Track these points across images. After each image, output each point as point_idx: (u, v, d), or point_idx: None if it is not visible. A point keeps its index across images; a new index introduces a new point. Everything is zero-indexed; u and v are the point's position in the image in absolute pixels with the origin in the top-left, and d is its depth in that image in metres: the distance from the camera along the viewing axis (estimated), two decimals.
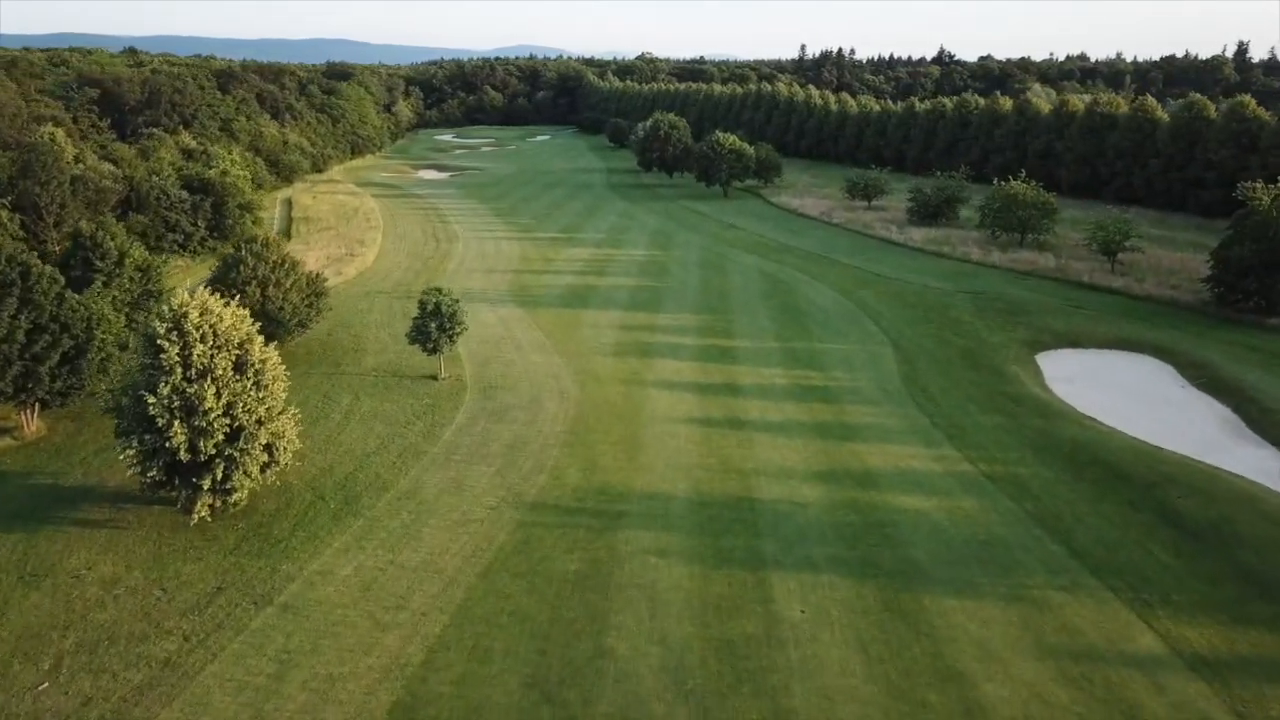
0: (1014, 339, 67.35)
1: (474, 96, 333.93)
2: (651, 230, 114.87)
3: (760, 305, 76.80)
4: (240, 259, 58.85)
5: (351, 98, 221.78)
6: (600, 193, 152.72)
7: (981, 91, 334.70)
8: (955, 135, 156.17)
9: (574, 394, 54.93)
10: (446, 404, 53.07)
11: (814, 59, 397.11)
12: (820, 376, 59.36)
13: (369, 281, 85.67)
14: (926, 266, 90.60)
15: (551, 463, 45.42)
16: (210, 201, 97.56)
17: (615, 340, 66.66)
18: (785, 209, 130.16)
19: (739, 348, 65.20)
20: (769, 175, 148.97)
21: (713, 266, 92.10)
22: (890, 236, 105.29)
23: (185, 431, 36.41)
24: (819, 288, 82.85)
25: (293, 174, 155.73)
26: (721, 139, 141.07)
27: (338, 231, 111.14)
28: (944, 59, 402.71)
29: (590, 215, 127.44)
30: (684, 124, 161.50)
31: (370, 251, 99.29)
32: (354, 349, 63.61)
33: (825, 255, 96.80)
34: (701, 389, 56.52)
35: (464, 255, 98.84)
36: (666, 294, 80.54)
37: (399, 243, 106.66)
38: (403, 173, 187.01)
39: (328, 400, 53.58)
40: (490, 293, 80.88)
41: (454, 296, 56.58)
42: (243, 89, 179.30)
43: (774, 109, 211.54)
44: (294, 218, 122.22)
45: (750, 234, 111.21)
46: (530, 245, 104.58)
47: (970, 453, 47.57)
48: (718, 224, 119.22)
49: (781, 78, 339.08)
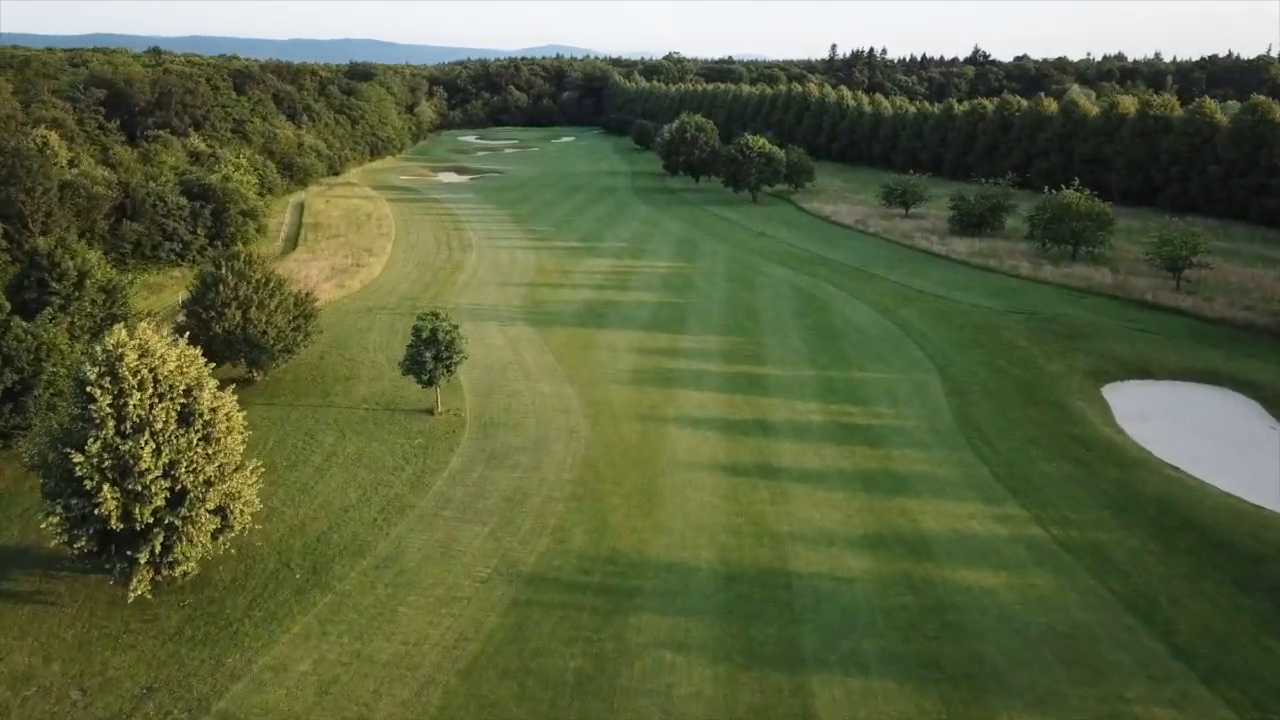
0: (1075, 368, 60.61)
1: (498, 97, 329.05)
2: (676, 239, 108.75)
3: (793, 325, 70.48)
4: (220, 278, 53.37)
5: (372, 98, 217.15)
6: (623, 197, 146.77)
7: (1017, 92, 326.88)
8: (996, 138, 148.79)
9: (584, 433, 48.94)
10: (441, 444, 47.25)
11: (845, 59, 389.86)
12: (862, 412, 53.00)
13: (373, 296, 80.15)
14: (972, 282, 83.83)
15: (555, 521, 39.45)
16: (210, 208, 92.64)
17: (633, 366, 60.62)
18: (818, 216, 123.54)
19: (770, 376, 58.95)
20: (800, 180, 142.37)
21: (741, 280, 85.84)
22: (931, 248, 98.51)
23: (117, 496, 30.80)
24: (856, 305, 76.37)
25: (307, 177, 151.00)
26: (750, 141, 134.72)
27: (346, 239, 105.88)
28: (978, 59, 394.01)
29: (612, 222, 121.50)
30: (711, 126, 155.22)
31: (378, 261, 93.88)
32: (346, 376, 57.98)
33: (862, 268, 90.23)
34: (728, 427, 50.37)
35: (477, 266, 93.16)
36: (690, 311, 74.41)
37: (409, 252, 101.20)
38: (422, 175, 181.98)
39: (309, 440, 47.91)
40: (501, 309, 75.08)
41: (453, 322, 50.75)
42: (259, 89, 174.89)
43: (804, 110, 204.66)
44: (304, 223, 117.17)
45: (781, 243, 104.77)
46: (548, 255, 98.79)
47: (1039, 512, 41.09)
48: (746, 232, 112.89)
49: (812, 78, 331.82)
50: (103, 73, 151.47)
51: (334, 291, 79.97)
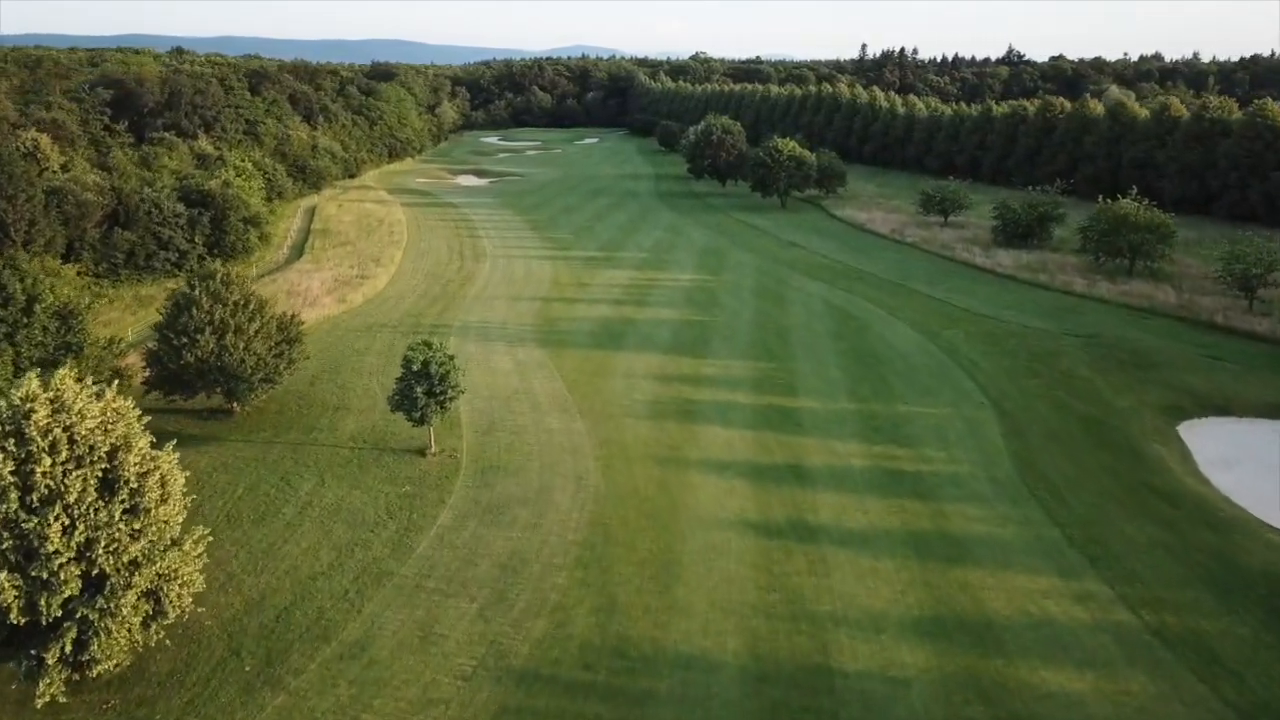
0: (1146, 403, 54.17)
1: (521, 97, 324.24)
2: (701, 248, 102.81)
3: (828, 349, 64.37)
4: (193, 300, 48.06)
5: (391, 99, 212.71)
6: (646, 202, 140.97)
7: (1053, 93, 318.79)
8: (1038, 141, 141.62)
9: (594, 480, 43.17)
10: (431, 493, 41.65)
11: (875, 59, 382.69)
12: (909, 455, 46.90)
13: (375, 311, 74.84)
14: (1022, 300, 77.36)
15: (555, 597, 33.72)
16: (209, 215, 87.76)
17: (652, 396, 54.81)
18: (851, 224, 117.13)
19: (804, 410, 52.94)
20: (832, 185, 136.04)
21: (770, 296, 79.78)
22: (974, 260, 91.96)
23: (19, 585, 25.42)
24: (897, 326, 70.14)
25: (320, 180, 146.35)
26: (780, 144, 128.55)
27: (355, 247, 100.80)
28: (1012, 59, 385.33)
29: (634, 229, 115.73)
30: (738, 128, 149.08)
31: (385, 272, 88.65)
32: (335, 406, 52.55)
33: (901, 283, 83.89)
34: (758, 473, 44.45)
35: (489, 278, 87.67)
36: (716, 332, 68.49)
37: (419, 261, 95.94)
38: (439, 178, 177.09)
39: (284, 485, 42.45)
40: (511, 328, 69.49)
41: (447, 353, 45.17)
42: (274, 90, 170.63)
43: (835, 111, 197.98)
44: (312, 229, 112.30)
45: (812, 254, 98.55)
46: (564, 266, 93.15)
47: (1125, 589, 34.88)
48: (775, 241, 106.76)
49: (842, 78, 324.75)
50: (114, 73, 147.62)
51: (334, 306, 74.74)
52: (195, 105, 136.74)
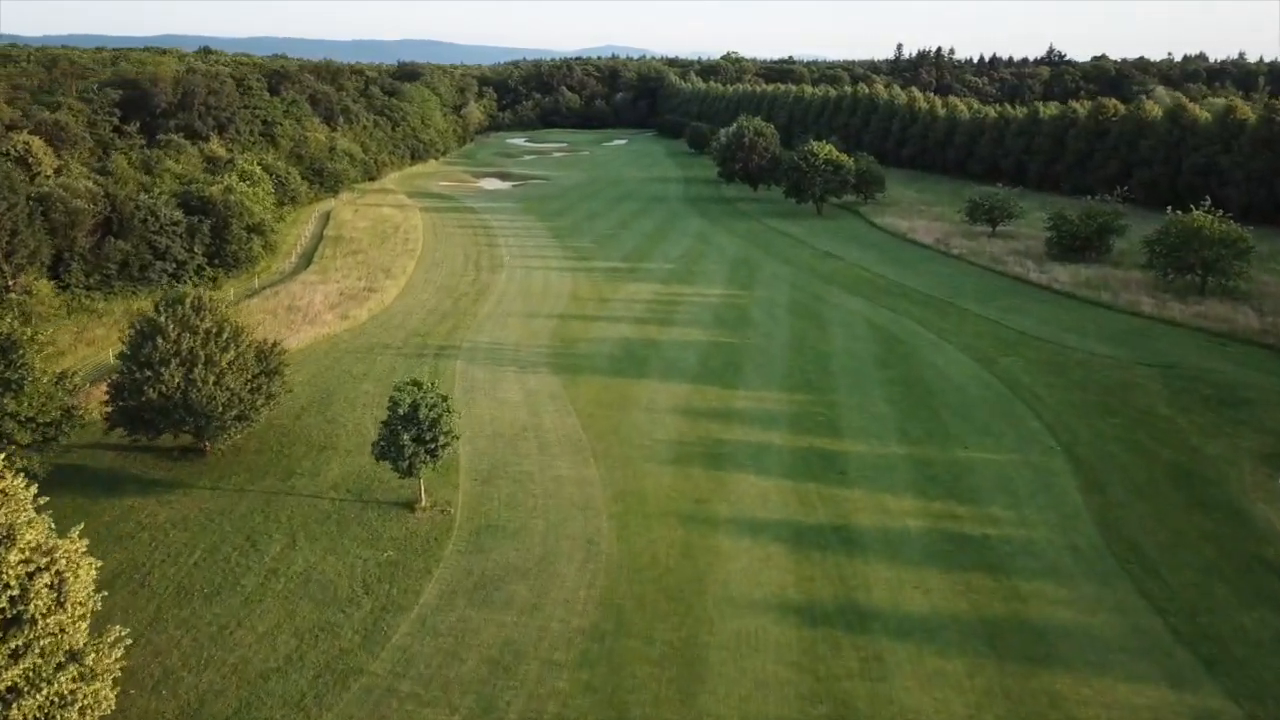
0: (1241, 449, 47.33)
1: (549, 98, 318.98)
2: (731, 259, 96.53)
3: (874, 379, 57.92)
4: (158, 327, 42.58)
5: (415, 99, 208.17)
6: (674, 208, 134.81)
7: (1096, 94, 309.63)
8: (1089, 145, 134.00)
9: (607, 544, 37.16)
10: (417, 561, 35.83)
11: (910, 59, 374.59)
12: (972, 515, 40.48)
13: (379, 329, 69.30)
14: (1084, 321, 70.42)
15: (553, 709, 27.71)
16: (209, 223, 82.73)
17: (676, 434, 48.73)
18: (891, 233, 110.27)
19: (850, 454, 46.63)
20: (870, 191, 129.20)
21: (807, 314, 73.38)
22: (1028, 276, 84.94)
23: None
24: (948, 351, 63.52)
25: (338, 183, 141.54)
26: (816, 148, 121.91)
27: (366, 256, 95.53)
28: (1053, 58, 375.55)
29: (661, 238, 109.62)
30: (771, 130, 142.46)
31: (395, 284, 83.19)
32: (321, 445, 46.90)
33: (950, 301, 77.17)
34: (798, 536, 38.25)
35: (504, 291, 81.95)
36: (748, 357, 62.22)
37: (433, 272, 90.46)
38: (462, 181, 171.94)
39: (250, 548, 36.80)
40: (524, 351, 63.64)
41: (439, 393, 39.28)
42: (294, 90, 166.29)
43: (872, 113, 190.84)
44: (325, 236, 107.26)
45: (851, 266, 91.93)
46: (585, 278, 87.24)
47: (1254, 708, 28.35)
48: (811, 251, 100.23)
49: (877, 79, 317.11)
50: (128, 72, 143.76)
51: (335, 324, 69.28)
52: (209, 106, 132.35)
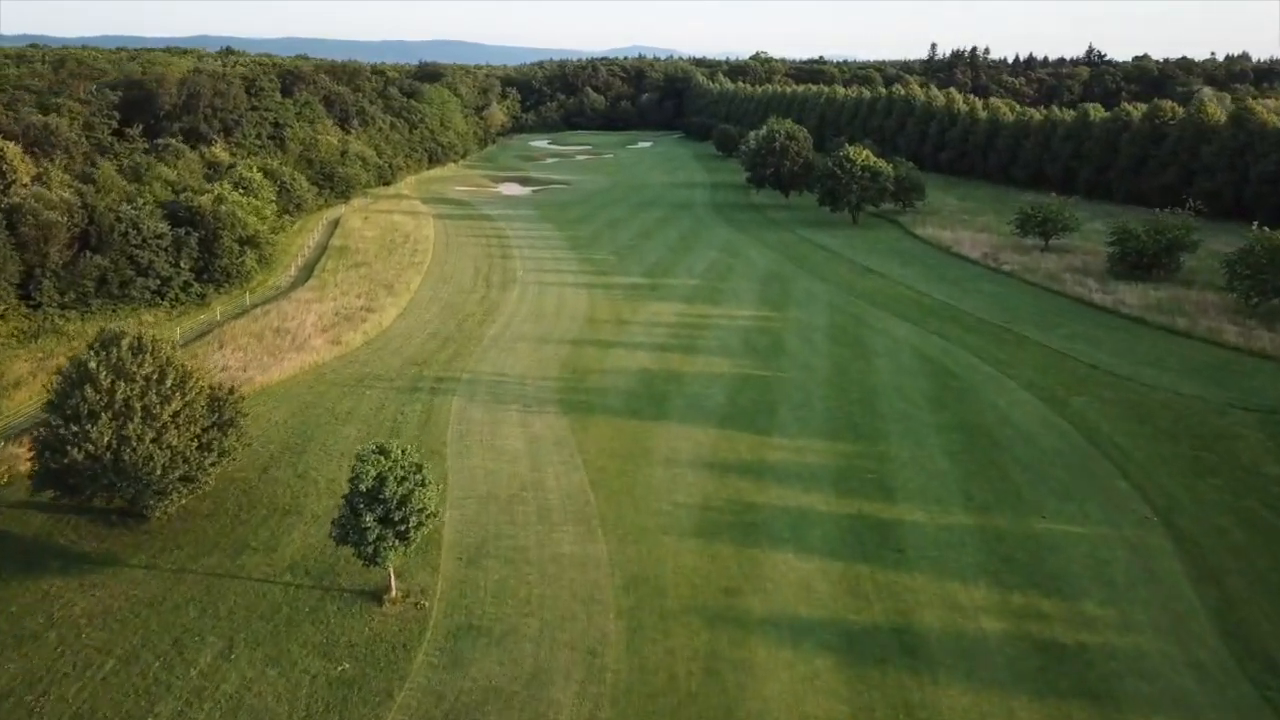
0: None
1: (574, 99, 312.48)
2: (762, 274, 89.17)
3: (928, 424, 50.46)
4: (89, 374, 35.95)
5: (435, 101, 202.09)
6: (701, 216, 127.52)
7: (1138, 95, 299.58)
8: (1144, 151, 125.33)
9: (613, 657, 30.09)
10: (377, 679, 28.93)
11: (945, 59, 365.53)
12: (1062, 613, 33.04)
13: (373, 356, 62.65)
14: (1161, 353, 62.48)
15: None
16: (198, 236, 76.53)
17: (701, 496, 41.60)
18: (935, 245, 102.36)
19: (907, 525, 39.31)
20: (909, 198, 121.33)
21: (848, 341, 65.93)
22: (1090, 297, 76.91)
23: None
24: (1010, 389, 55.90)
25: (350, 189, 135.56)
26: (852, 153, 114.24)
27: (370, 269, 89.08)
28: (1093, 58, 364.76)
29: (686, 249, 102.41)
30: (804, 134, 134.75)
31: (396, 303, 76.60)
32: (285, 509, 40.13)
33: (1006, 326, 69.41)
34: (850, 643, 31.03)
35: (514, 312, 75.13)
36: (783, 394, 54.91)
37: (440, 288, 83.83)
38: (480, 186, 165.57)
39: (175, 656, 30.06)
40: (530, 384, 56.70)
41: (412, 460, 32.34)
42: (308, 91, 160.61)
43: (908, 115, 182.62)
44: (330, 246, 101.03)
45: (894, 284, 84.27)
46: (603, 296, 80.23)
47: None
48: (849, 266, 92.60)
49: (911, 79, 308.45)
50: (133, 73, 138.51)
51: (325, 350, 62.67)
52: (215, 108, 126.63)
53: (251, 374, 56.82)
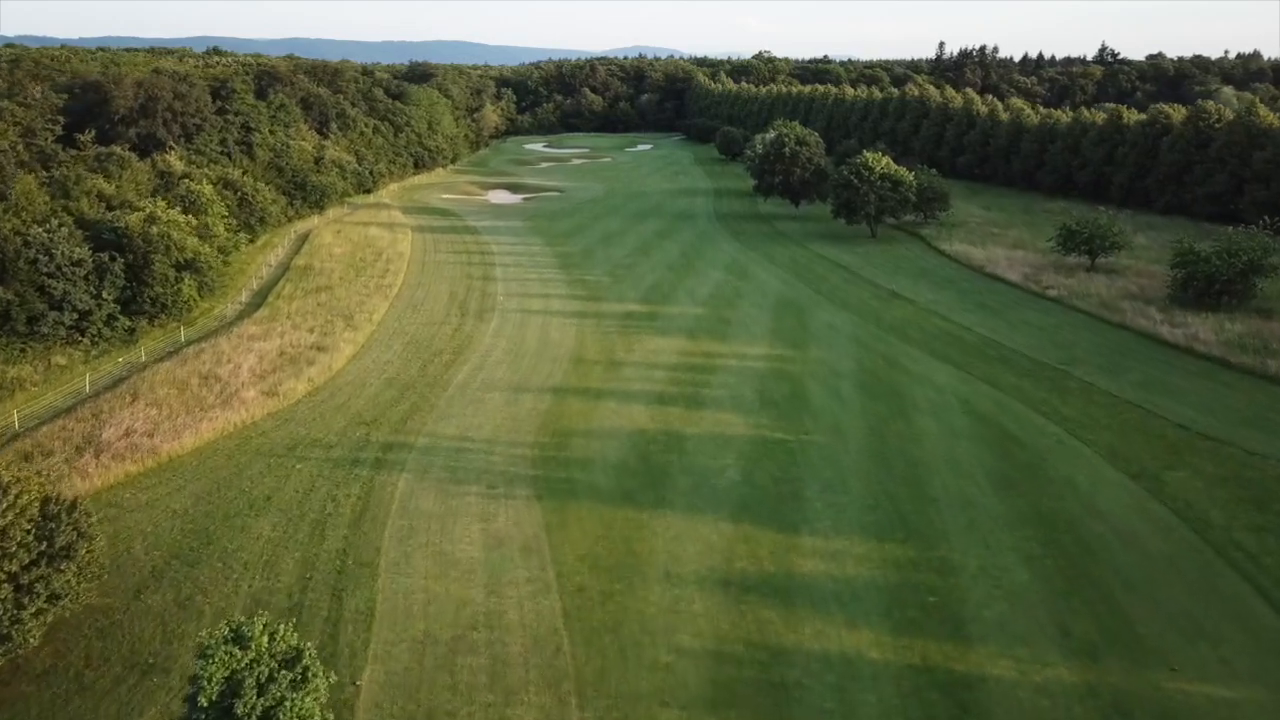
0: None
1: (571, 100, 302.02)
2: (774, 299, 78.81)
3: (995, 514, 40.03)
4: None
5: (422, 102, 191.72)
6: (704, 228, 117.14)
7: (1154, 95, 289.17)
8: (1187, 157, 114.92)
9: None
10: None
11: (953, 58, 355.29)
12: None
13: (314, 412, 52.29)
14: (1261, 408, 51.92)
15: None
16: (124, 262, 66.24)
17: (713, 640, 31.19)
18: (965, 265, 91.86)
19: (988, 682, 28.92)
20: (932, 209, 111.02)
21: (883, 391, 55.46)
22: (1155, 330, 66.44)
23: None
24: (1087, 459, 45.45)
25: (324, 198, 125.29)
26: (870, 160, 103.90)
27: (332, 294, 78.78)
28: (1106, 57, 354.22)
29: (688, 269, 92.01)
30: (815, 138, 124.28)
31: (354, 338, 66.29)
32: (148, 664, 29.70)
33: (1065, 370, 58.91)
34: None
35: (490, 349, 64.79)
36: (810, 467, 44.53)
37: (408, 317, 73.56)
38: (468, 194, 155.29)
39: None
40: (498, 453, 46.34)
41: (288, 643, 21.98)
42: (284, 93, 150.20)
43: (923, 117, 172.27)
44: (292, 266, 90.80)
45: (925, 313, 73.89)
46: (594, 328, 69.93)
47: None
48: (872, 290, 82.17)
49: (919, 78, 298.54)
50: (89, 73, 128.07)
51: (257, 405, 52.30)
52: (175, 111, 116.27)
53: (159, 441, 46.49)
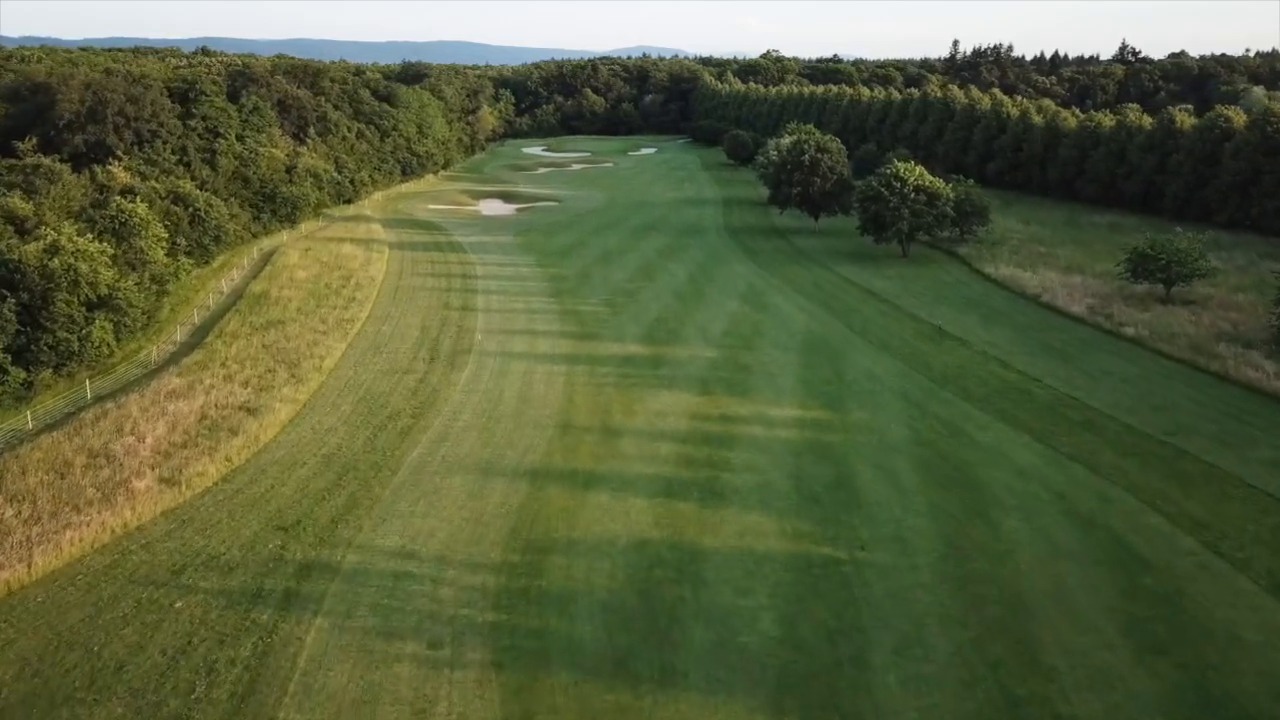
0: None
1: (572, 101, 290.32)
2: (801, 337, 67.06)
3: (1140, 694, 28.10)
4: None
5: (413, 104, 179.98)
6: (714, 245, 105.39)
7: (1177, 95, 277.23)
8: (1254, 165, 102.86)
9: None
10: None
11: (967, 57, 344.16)
12: None
13: (223, 508, 40.50)
14: None
15: None
16: (16, 302, 54.60)
17: None
18: (1017, 292, 79.86)
19: None
20: (970, 224, 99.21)
21: (950, 477, 43.50)
22: (1269, 385, 54.35)
23: None
24: (1243, 589, 33.53)
25: (295, 211, 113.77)
26: (903, 171, 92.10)
27: (283, 331, 67.14)
28: (1126, 56, 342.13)
29: (698, 297, 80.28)
30: (838, 146, 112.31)
31: (299, 392, 54.59)
32: None
33: (1172, 442, 46.92)
34: None
35: (458, 409, 53.05)
36: (874, 612, 32.60)
37: (367, 361, 61.92)
38: (457, 204, 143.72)
39: None
40: (446, 580, 34.50)
41: None
42: (259, 95, 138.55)
43: (948, 119, 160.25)
44: (247, 293, 79.26)
45: (982, 357, 61.97)
46: (586, 377, 58.18)
47: None
48: (913, 326, 70.30)
49: (934, 78, 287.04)
50: (36, 74, 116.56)
51: (149, 501, 40.53)
52: (128, 116, 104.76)
53: None
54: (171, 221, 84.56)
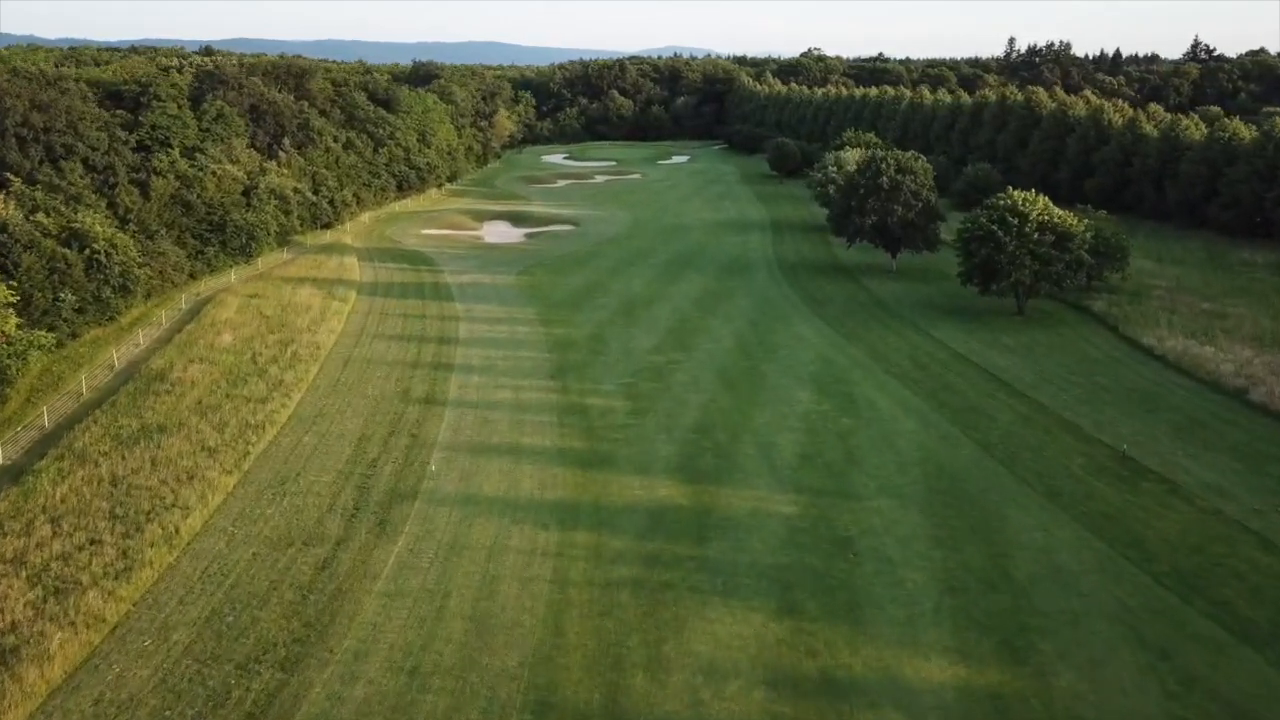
0: None
1: (597, 104, 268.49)
2: (920, 470, 44.51)
3: None
4: None
5: (414, 110, 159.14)
6: (766, 290, 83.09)
7: (1259, 96, 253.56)
8: None
9: None
10: None
11: (1023, 56, 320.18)
12: None
13: None
14: None
15: None
16: None
17: None
18: (1201, 380, 56.60)
19: None
20: (1101, 271, 76.19)
21: None
22: None
23: None
24: None
25: (251, 243, 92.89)
26: (1021, 200, 69.37)
27: (157, 449, 45.59)
28: (1199, 54, 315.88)
29: (754, 379, 58.02)
30: (924, 166, 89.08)
31: (108, 606, 32.98)
32: None
33: None
34: None
35: (367, 641, 31.14)
36: None
37: (256, 515, 40.23)
38: (456, 228, 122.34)
39: None
40: None
41: None
42: (226, 99, 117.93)
43: (1032, 126, 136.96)
44: (141, 373, 58.16)
45: (1213, 517, 39.18)
46: (591, 565, 36.07)
47: None
48: (1082, 447, 47.18)
49: (989, 78, 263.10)
50: None
51: None
52: (33, 127, 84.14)
53: None
54: (54, 269, 63.81)
